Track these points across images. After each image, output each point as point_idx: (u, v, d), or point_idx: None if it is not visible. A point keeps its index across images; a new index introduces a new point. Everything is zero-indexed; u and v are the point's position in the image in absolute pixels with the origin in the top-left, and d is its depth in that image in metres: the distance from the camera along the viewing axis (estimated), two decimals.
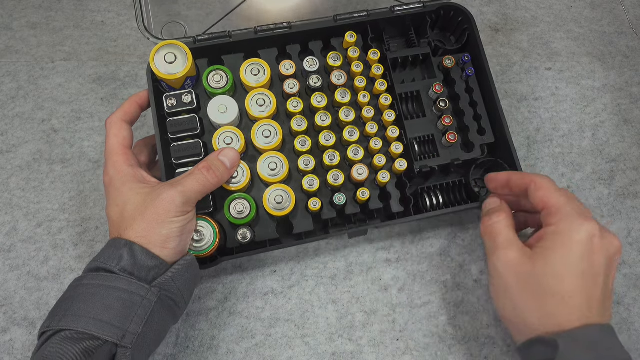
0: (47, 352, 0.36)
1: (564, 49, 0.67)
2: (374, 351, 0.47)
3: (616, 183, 0.58)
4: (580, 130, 0.62)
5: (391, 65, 0.54)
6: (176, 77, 0.47)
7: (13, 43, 0.66)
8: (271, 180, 0.48)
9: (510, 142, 0.50)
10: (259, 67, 0.50)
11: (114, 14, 0.69)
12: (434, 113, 0.54)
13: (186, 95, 0.49)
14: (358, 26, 0.54)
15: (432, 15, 0.56)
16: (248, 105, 0.50)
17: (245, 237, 0.46)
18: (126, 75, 0.64)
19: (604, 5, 0.71)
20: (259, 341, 0.48)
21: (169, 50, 0.48)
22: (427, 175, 0.52)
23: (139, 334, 0.38)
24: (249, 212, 0.47)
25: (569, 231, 0.40)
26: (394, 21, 0.55)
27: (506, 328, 0.46)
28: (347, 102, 0.52)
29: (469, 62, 0.55)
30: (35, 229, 0.55)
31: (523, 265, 0.41)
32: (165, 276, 0.40)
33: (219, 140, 0.48)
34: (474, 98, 0.53)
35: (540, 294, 0.40)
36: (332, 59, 0.52)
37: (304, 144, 0.49)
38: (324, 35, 0.54)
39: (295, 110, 0.50)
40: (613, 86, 0.65)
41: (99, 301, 0.38)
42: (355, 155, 0.50)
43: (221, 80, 0.50)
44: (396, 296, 0.50)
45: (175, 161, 0.48)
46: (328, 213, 0.50)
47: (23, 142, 0.60)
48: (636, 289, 0.52)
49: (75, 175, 0.58)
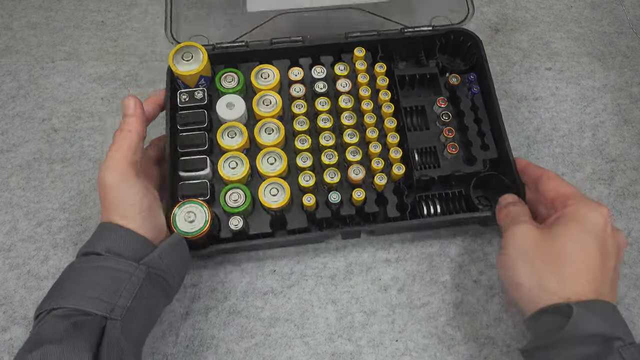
0: (40, 329, 0.37)
1: (564, 49, 0.67)
2: (373, 352, 0.47)
3: (616, 183, 0.58)
4: (580, 130, 0.61)
5: (398, 82, 0.55)
6: (191, 74, 0.51)
7: (13, 43, 0.66)
8: (269, 174, 0.50)
9: (512, 160, 0.51)
10: (269, 72, 0.54)
11: (114, 14, 0.69)
12: (438, 127, 0.55)
13: (198, 92, 0.52)
14: (368, 44, 0.57)
15: (442, 39, 0.57)
16: (255, 104, 0.52)
17: (237, 225, 0.47)
18: (126, 75, 0.64)
19: (604, 5, 0.71)
20: (258, 341, 0.48)
21: (187, 51, 0.52)
22: (426, 186, 0.52)
23: (127, 307, 0.39)
24: (243, 201, 0.49)
25: (585, 212, 0.42)
26: (404, 42, 0.57)
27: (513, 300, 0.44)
28: (349, 108, 0.53)
29: (474, 80, 0.56)
30: (35, 228, 0.55)
31: (542, 235, 0.42)
32: (153, 254, 0.41)
33: (222, 134, 0.51)
34: (479, 115, 0.54)
35: (560, 260, 0.40)
36: (339, 69, 0.55)
37: (303, 142, 0.51)
38: (334, 50, 0.57)
39: (298, 111, 0.52)
40: (613, 86, 0.65)
41: (88, 280, 0.39)
42: (353, 157, 0.51)
43: (232, 81, 0.54)
44: (396, 296, 0.50)
45: (181, 149, 0.51)
46: (323, 212, 0.50)
47: (23, 141, 0.60)
48: (636, 289, 0.52)
49: (75, 175, 0.58)
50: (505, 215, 0.46)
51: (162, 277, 0.42)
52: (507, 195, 0.49)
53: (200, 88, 0.53)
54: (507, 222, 0.45)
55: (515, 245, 0.43)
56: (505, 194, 0.49)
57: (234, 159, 0.50)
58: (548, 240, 0.41)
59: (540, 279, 0.40)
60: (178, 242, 0.44)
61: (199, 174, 0.51)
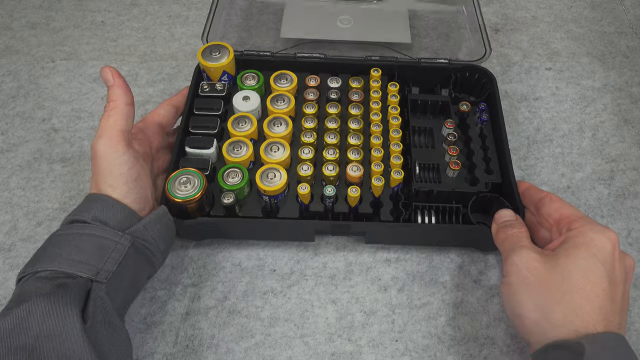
0: (24, 289, 0.37)
1: (564, 49, 0.67)
2: (373, 352, 0.47)
3: (616, 183, 0.58)
4: (580, 130, 0.61)
5: (410, 105, 0.57)
6: (215, 67, 0.55)
7: (13, 43, 0.66)
8: (270, 160, 0.51)
9: (514, 188, 0.50)
10: (288, 77, 0.58)
11: (114, 14, 0.69)
12: (444, 147, 0.55)
13: (219, 85, 0.56)
14: (386, 67, 0.60)
15: (457, 74, 0.59)
16: (269, 101, 0.55)
17: (229, 200, 0.48)
18: (126, 75, 0.64)
19: (604, 5, 0.71)
20: (258, 340, 0.48)
21: (216, 48, 0.56)
22: (424, 197, 0.52)
23: (113, 272, 0.39)
24: (240, 180, 0.50)
25: (592, 236, 0.40)
26: (420, 70, 0.60)
27: (517, 332, 0.44)
28: (358, 115, 0.56)
29: (485, 110, 0.57)
30: (35, 227, 0.55)
31: (546, 262, 0.40)
32: (138, 225, 0.42)
33: (233, 122, 0.53)
34: (486, 143, 0.55)
35: (565, 288, 0.38)
36: (353, 81, 0.59)
37: (308, 137, 0.53)
38: (353, 69, 0.60)
39: (308, 112, 0.56)
40: (613, 86, 0.65)
41: (73, 245, 0.39)
42: (354, 156, 0.52)
43: (252, 80, 0.58)
44: (395, 297, 0.50)
45: (192, 130, 0.54)
46: (316, 206, 0.51)
47: (23, 141, 0.60)
48: (636, 289, 0.52)
49: (75, 175, 0.58)
50: (504, 239, 0.44)
51: (146, 248, 0.42)
52: (503, 212, 0.47)
53: (222, 82, 0.57)
54: (506, 248, 0.43)
55: (517, 275, 0.40)
56: (501, 210, 0.47)
57: (239, 143, 0.52)
58: (552, 267, 0.39)
59: (546, 311, 0.38)
60: (163, 214, 0.44)
61: (203, 151, 0.52)
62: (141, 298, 0.50)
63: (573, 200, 0.57)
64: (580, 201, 0.57)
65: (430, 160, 0.54)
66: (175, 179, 0.48)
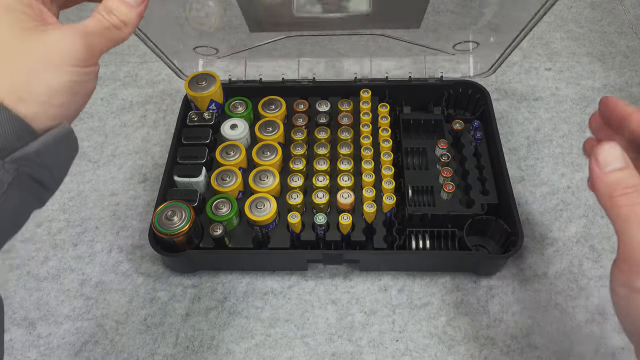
0: None
1: (564, 49, 0.67)
2: (374, 352, 0.47)
3: None
4: (580, 130, 0.61)
5: (403, 125, 0.57)
6: (202, 96, 0.55)
7: None
8: (259, 189, 0.51)
9: (514, 206, 0.49)
10: (276, 103, 0.57)
11: None
12: (438, 169, 0.54)
13: (207, 114, 0.56)
14: (376, 88, 0.59)
15: (450, 90, 0.59)
16: (257, 128, 0.55)
17: (218, 232, 0.48)
18: (126, 75, 0.64)
19: (604, 5, 0.71)
20: (258, 341, 0.48)
21: (202, 77, 0.56)
22: (418, 222, 0.51)
23: None
24: (229, 210, 0.49)
25: None
26: (411, 89, 0.59)
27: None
28: (347, 139, 0.55)
29: (479, 127, 0.56)
30: (35, 228, 0.55)
31: None
32: (28, 149, 0.28)
33: (221, 151, 0.53)
34: (481, 162, 0.54)
35: None
36: (342, 105, 0.58)
37: (297, 164, 0.53)
38: (342, 92, 0.59)
39: (297, 138, 0.55)
40: (613, 86, 0.65)
41: None
42: (344, 182, 0.51)
43: (240, 108, 0.58)
44: (396, 297, 0.50)
45: (180, 160, 0.53)
46: (307, 235, 0.50)
47: None
48: None
49: (74, 176, 0.58)
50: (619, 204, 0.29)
51: (36, 181, 0.29)
52: (610, 149, 0.30)
53: (210, 111, 0.56)
54: (623, 215, 0.29)
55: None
56: (606, 147, 0.30)
57: (228, 172, 0.52)
58: None
59: None
60: (66, 135, 0.30)
61: (192, 180, 0.51)
62: (141, 299, 0.50)
63: (573, 200, 0.57)
64: (580, 201, 0.57)
65: (424, 182, 0.53)
66: (162, 213, 0.47)
